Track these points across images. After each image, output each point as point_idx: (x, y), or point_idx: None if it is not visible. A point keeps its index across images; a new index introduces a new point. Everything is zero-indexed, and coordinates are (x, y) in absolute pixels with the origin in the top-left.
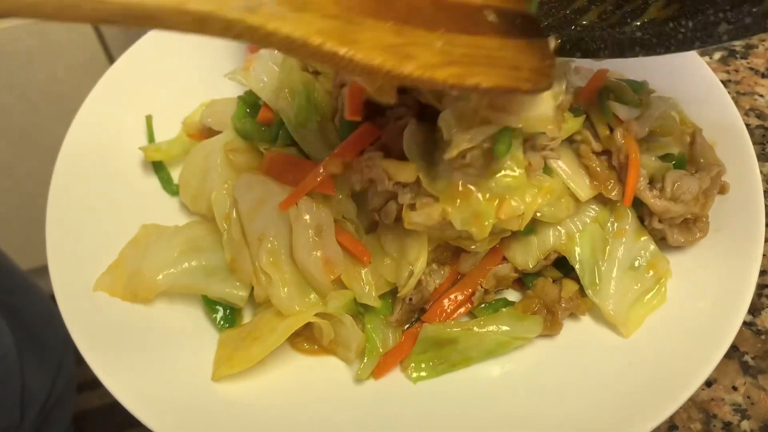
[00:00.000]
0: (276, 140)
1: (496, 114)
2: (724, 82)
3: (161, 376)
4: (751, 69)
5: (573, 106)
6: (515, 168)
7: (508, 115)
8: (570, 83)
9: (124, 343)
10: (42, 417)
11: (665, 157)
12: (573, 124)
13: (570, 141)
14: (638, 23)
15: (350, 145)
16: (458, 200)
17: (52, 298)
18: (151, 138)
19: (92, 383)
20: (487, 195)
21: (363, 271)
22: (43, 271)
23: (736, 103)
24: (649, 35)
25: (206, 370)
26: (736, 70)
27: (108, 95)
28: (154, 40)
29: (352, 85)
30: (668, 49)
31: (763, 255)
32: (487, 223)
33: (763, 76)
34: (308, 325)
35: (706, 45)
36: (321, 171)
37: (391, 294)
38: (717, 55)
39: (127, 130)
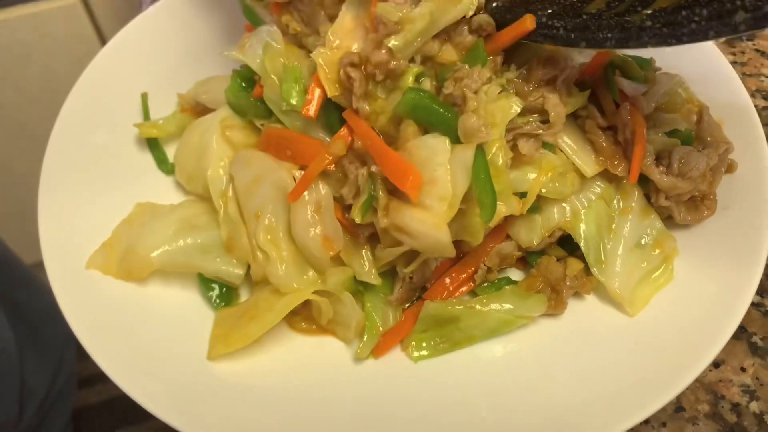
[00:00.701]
0: (272, 115)
1: None
2: (730, 63)
3: (155, 355)
4: (758, 50)
5: (578, 80)
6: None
7: None
8: (575, 59)
9: (118, 322)
10: (42, 412)
11: (672, 134)
12: (578, 98)
13: (575, 116)
14: (648, 11)
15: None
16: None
17: None
18: (146, 116)
19: (90, 380)
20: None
21: (363, 249)
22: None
23: (743, 84)
24: (659, 24)
25: (202, 349)
26: (743, 52)
27: (101, 75)
28: (147, 20)
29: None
30: (680, 40)
31: None
32: (479, 232)
33: None
34: (306, 304)
35: (721, 36)
36: (326, 154)
37: (391, 272)
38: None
39: (122, 109)
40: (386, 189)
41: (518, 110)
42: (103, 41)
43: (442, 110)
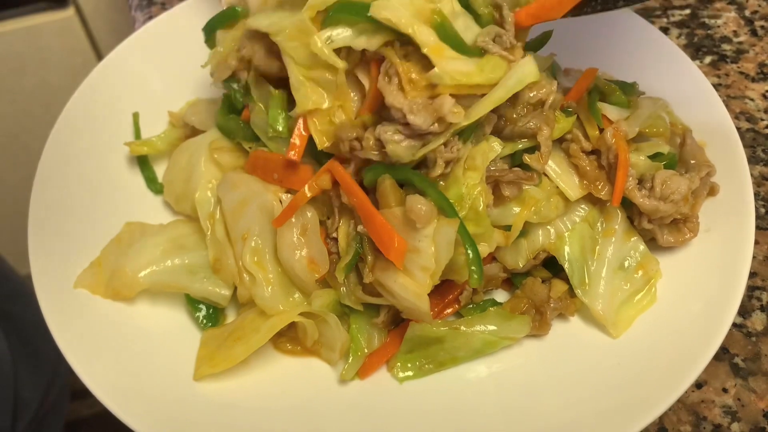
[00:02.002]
0: (260, 138)
1: None
2: (714, 86)
3: (141, 374)
4: (742, 73)
5: (563, 106)
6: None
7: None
8: (559, 83)
9: (105, 341)
10: (35, 424)
11: (655, 157)
12: (564, 123)
13: (560, 140)
14: None
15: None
16: None
17: None
18: (137, 134)
19: (82, 393)
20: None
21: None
22: None
23: (727, 106)
24: None
25: (188, 369)
26: (727, 74)
27: (94, 93)
28: (140, 40)
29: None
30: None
31: (753, 257)
32: (465, 272)
33: (753, 80)
34: (292, 326)
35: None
36: (313, 184)
37: None
38: (708, 59)
39: (113, 128)
40: (372, 248)
41: (499, 151)
42: (99, 54)
43: (417, 181)
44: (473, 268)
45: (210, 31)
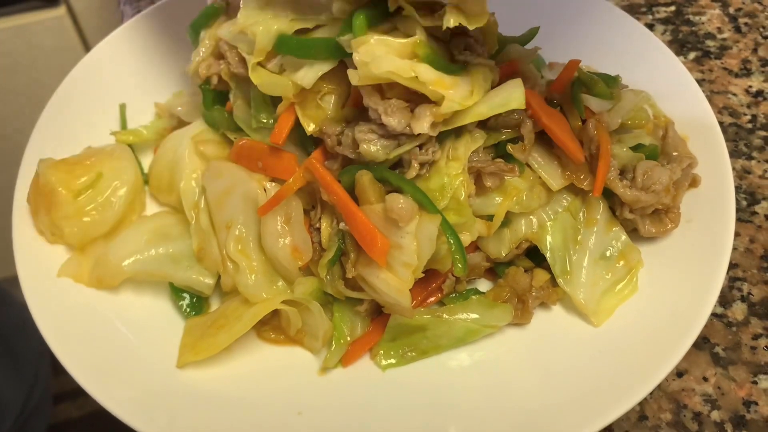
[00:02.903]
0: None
1: None
2: (698, 81)
3: (126, 362)
4: (725, 69)
5: (546, 97)
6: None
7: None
8: (544, 77)
9: (89, 330)
10: (17, 427)
11: (637, 148)
12: None
13: (542, 132)
14: None
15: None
16: None
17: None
18: (123, 126)
19: (71, 394)
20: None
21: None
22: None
23: (710, 101)
24: None
25: (171, 356)
26: (711, 70)
27: (80, 85)
28: (128, 32)
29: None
30: None
31: (734, 248)
32: (448, 262)
33: (737, 75)
34: (275, 315)
35: None
36: (300, 175)
37: None
38: (692, 55)
39: (100, 119)
40: (354, 244)
41: (481, 142)
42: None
43: (393, 179)
44: (457, 257)
45: (195, 32)
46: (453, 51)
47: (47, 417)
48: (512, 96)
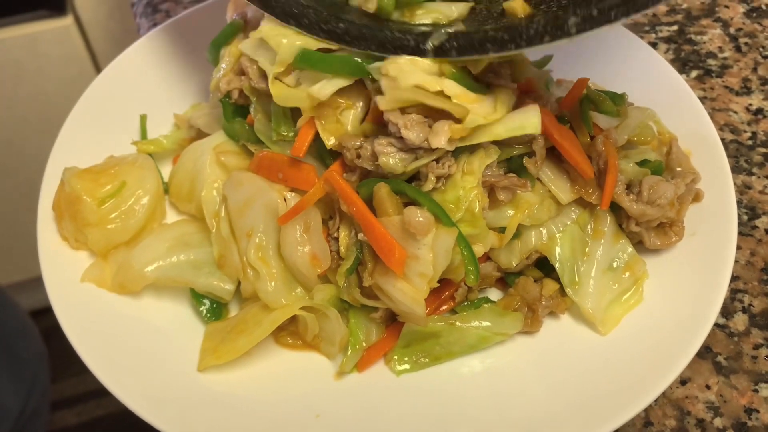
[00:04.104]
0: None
1: None
2: (700, 99)
3: (148, 365)
4: (726, 87)
5: (558, 114)
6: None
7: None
8: (553, 94)
9: (112, 333)
10: (15, 431)
11: (642, 164)
12: None
13: (553, 147)
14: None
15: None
16: None
17: (31, 313)
18: (143, 136)
19: (69, 401)
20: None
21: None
22: (23, 286)
23: (712, 118)
24: (501, 32)
25: (192, 360)
26: (712, 88)
27: (101, 96)
28: (146, 46)
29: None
30: (519, 45)
31: (736, 261)
32: (461, 272)
33: (737, 93)
34: (293, 321)
35: (556, 39)
36: (320, 187)
37: None
38: (694, 74)
39: (120, 130)
40: (372, 254)
41: (495, 157)
42: (96, 63)
43: (409, 191)
44: (470, 267)
45: (216, 49)
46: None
47: (45, 422)
48: (528, 121)
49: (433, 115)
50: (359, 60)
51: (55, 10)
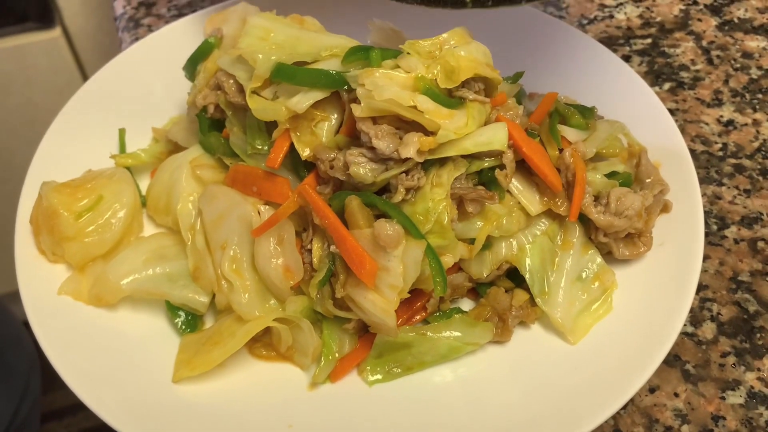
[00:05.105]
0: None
1: None
2: (672, 111)
3: (123, 377)
4: (698, 99)
5: (527, 128)
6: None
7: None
8: (525, 107)
9: (88, 345)
10: None
11: (611, 175)
12: None
13: (523, 160)
14: None
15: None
16: None
17: (25, 324)
18: (122, 150)
19: (58, 413)
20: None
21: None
22: (18, 296)
23: (683, 130)
24: None
25: (167, 372)
26: (684, 100)
27: (81, 110)
28: (127, 59)
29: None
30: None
31: (705, 270)
32: (431, 282)
33: (709, 105)
34: (267, 332)
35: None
36: (294, 200)
37: None
38: (667, 86)
39: (99, 143)
40: (344, 266)
41: (464, 170)
42: (84, 75)
43: (380, 204)
44: (438, 279)
45: (192, 65)
46: (454, 89)
47: (36, 430)
48: (496, 137)
49: (406, 126)
50: (334, 72)
51: (43, 22)
